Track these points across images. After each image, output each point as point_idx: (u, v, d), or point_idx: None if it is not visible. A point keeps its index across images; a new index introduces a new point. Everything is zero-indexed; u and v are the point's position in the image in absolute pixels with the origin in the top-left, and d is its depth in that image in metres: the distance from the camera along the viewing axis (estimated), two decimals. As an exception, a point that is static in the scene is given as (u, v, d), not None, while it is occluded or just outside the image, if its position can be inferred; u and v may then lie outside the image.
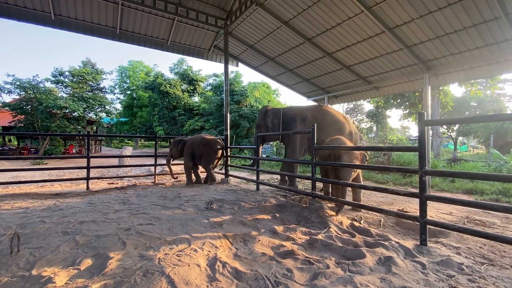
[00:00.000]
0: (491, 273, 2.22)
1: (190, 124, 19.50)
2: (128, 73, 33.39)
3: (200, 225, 3.22)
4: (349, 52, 7.65)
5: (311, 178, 4.49)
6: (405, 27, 6.02)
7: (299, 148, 6.31)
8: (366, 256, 2.46)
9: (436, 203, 4.96)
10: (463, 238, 3.05)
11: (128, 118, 29.72)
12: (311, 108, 6.85)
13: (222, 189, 6.10)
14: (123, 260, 2.28)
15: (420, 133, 2.83)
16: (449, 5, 5.17)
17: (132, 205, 4.33)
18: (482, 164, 10.55)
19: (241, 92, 19.08)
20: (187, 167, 6.84)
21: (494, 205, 2.31)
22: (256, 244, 2.84)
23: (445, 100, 16.45)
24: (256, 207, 4.33)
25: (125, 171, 10.22)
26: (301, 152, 6.43)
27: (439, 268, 2.28)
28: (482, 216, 4.27)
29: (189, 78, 24.59)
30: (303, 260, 2.44)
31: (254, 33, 8.49)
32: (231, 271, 2.18)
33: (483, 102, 25.69)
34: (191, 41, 9.35)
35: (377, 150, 3.76)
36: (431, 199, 2.77)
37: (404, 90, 8.68)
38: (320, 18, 6.78)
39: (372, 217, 3.91)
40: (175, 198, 4.95)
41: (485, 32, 5.44)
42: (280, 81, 11.06)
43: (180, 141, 7.00)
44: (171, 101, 22.16)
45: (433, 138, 17.00)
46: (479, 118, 3.36)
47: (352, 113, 36.44)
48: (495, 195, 6.11)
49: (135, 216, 3.59)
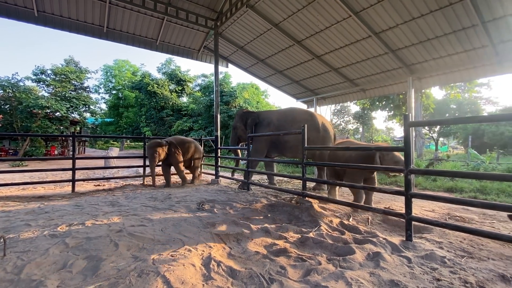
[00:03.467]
0: (471, 265, 2.37)
1: (179, 125, 19.29)
2: (114, 72, 32.59)
3: (193, 225, 3.23)
4: (337, 55, 7.84)
5: (302, 178, 4.58)
6: (390, 32, 6.26)
7: (261, 150, 6.49)
8: (356, 252, 2.56)
9: (420, 201, 5.18)
10: (445, 233, 3.22)
11: (114, 118, 28.99)
12: (278, 112, 7.12)
13: (213, 189, 6.10)
14: (116, 262, 2.27)
15: (405, 133, 2.97)
16: (431, 12, 5.42)
17: (122, 207, 4.27)
18: (461, 164, 11.06)
19: (230, 93, 19.07)
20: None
21: (473, 201, 2.47)
22: (249, 243, 2.88)
23: (427, 103, 17.12)
24: (247, 207, 4.37)
25: (112, 172, 9.98)
26: (263, 153, 6.58)
27: (424, 261, 2.41)
28: (462, 212, 4.50)
29: (177, 78, 24.32)
30: (295, 258, 2.51)
31: (245, 35, 8.54)
32: (226, 270, 2.22)
33: (462, 104, 26.92)
34: (180, 41, 9.28)
35: (365, 150, 3.91)
36: (415, 196, 2.92)
37: (389, 93, 8.97)
38: (309, 21, 6.92)
39: (361, 215, 4.04)
40: (165, 199, 4.91)
41: (463, 38, 5.74)
42: (269, 83, 11.15)
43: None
44: (159, 102, 21.84)
45: (416, 139, 17.64)
46: (459, 120, 3.57)
47: (339, 115, 37.17)
48: (473, 193, 6.44)
49: (125, 217, 3.55)
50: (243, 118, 6.94)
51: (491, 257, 2.61)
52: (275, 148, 6.62)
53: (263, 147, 6.48)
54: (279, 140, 6.47)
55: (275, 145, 6.59)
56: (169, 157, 6.69)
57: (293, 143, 6.42)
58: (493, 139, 20.95)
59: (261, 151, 6.46)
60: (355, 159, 4.42)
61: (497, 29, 5.27)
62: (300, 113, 6.69)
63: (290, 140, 6.41)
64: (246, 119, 6.88)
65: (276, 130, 6.45)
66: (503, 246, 2.90)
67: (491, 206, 2.52)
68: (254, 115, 6.83)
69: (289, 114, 6.69)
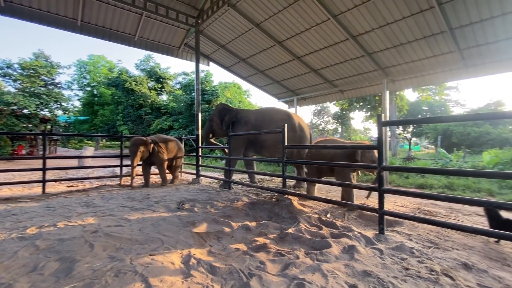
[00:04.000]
0: (436, 255, 2.55)
1: (158, 124, 18.81)
2: (88, 68, 31.09)
3: (172, 225, 3.19)
4: (316, 57, 8.05)
5: (282, 176, 4.66)
6: (366, 35, 6.53)
7: (239, 149, 6.46)
8: (332, 246, 2.66)
9: (393, 198, 5.46)
10: (414, 226, 3.43)
11: (88, 116, 27.65)
12: (255, 111, 7.15)
13: (194, 189, 6.04)
14: (92, 263, 2.20)
15: (378, 133, 3.13)
16: (404, 18, 5.73)
17: (97, 208, 4.12)
18: (431, 162, 11.75)
19: (212, 92, 18.89)
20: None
21: (438, 195, 2.66)
22: (230, 240, 2.91)
23: (401, 104, 17.98)
24: (228, 205, 4.38)
25: (86, 173, 9.55)
26: (241, 152, 6.56)
27: (394, 253, 2.56)
28: (431, 207, 4.80)
29: (156, 75, 23.68)
30: (275, 253, 2.56)
31: (226, 33, 8.52)
32: (206, 267, 2.22)
33: (433, 106, 28.56)
34: (160, 38, 9.08)
35: (342, 148, 4.08)
36: (388, 192, 3.09)
37: (365, 94, 9.35)
38: (290, 22, 7.05)
39: (338, 210, 4.19)
40: (144, 199, 4.79)
41: (433, 44, 6.12)
42: (251, 82, 11.21)
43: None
44: (137, 99, 21.15)
45: (391, 139, 18.49)
46: (427, 120, 3.83)
47: (320, 115, 38.05)
48: (442, 189, 6.89)
49: (101, 218, 3.43)
50: (221, 113, 6.87)
51: (455, 247, 2.82)
52: (252, 147, 6.65)
53: (241, 146, 6.47)
54: (257, 139, 6.50)
55: (252, 144, 6.60)
56: (152, 156, 6.50)
57: (271, 143, 6.47)
58: (460, 139, 22.42)
59: (239, 149, 6.45)
60: (340, 156, 4.58)
61: (463, 36, 5.67)
62: (278, 113, 6.76)
63: (267, 139, 6.46)
64: (224, 115, 6.81)
65: (253, 129, 6.47)
66: (466, 237, 3.14)
67: (455, 199, 2.73)
68: (233, 113, 6.79)
69: (266, 114, 6.74)
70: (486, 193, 6.45)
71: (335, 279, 2.04)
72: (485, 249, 2.79)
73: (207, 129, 7.14)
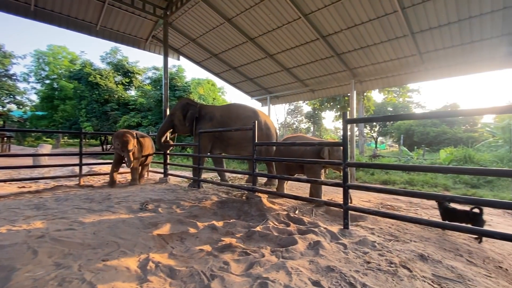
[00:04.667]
0: (396, 247, 2.65)
1: (125, 120, 17.81)
2: (48, 59, 28.52)
3: (132, 227, 2.98)
4: (288, 55, 8.10)
5: (252, 174, 4.60)
6: (336, 36, 6.69)
7: (205, 146, 6.23)
8: (298, 243, 2.65)
9: (359, 193, 5.67)
10: (377, 221, 3.56)
11: (47, 111, 25.37)
12: (221, 107, 6.93)
13: (160, 188, 5.76)
14: (33, 271, 1.95)
15: (343, 130, 3.19)
16: (370, 20, 5.95)
17: (49, 210, 3.74)
18: (394, 159, 12.47)
19: (183, 88, 18.29)
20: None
21: (398, 190, 2.76)
22: (194, 241, 2.78)
23: (368, 105, 18.88)
24: (196, 205, 4.22)
25: (42, 172, 8.73)
26: (207, 149, 6.34)
27: (357, 247, 2.61)
28: (393, 202, 5.05)
29: (124, 69, 22.40)
30: (240, 252, 2.49)
31: (197, 27, 8.26)
32: (165, 270, 2.08)
33: (397, 107, 30.51)
34: (125, 28, 8.54)
35: (309, 145, 4.15)
36: (352, 187, 3.16)
37: (335, 94, 9.63)
38: (262, 19, 7.00)
39: (306, 207, 4.24)
40: (104, 200, 4.45)
41: (396, 47, 6.43)
42: (224, 79, 11.02)
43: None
44: (102, 94, 19.84)
45: (359, 137, 19.35)
46: (389, 117, 4.02)
47: (293, 114, 38.81)
48: (403, 185, 7.32)
49: (51, 222, 3.10)
50: (184, 108, 6.51)
51: (413, 240, 2.96)
52: (219, 145, 6.48)
53: (207, 143, 6.25)
54: (223, 136, 6.34)
55: (219, 142, 6.43)
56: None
57: (237, 140, 6.35)
58: (420, 138, 24.17)
59: (205, 147, 6.24)
60: (309, 154, 4.61)
61: (423, 40, 6.03)
62: (244, 110, 6.61)
63: (233, 137, 6.32)
64: (187, 110, 6.48)
65: (219, 125, 6.30)
66: (423, 229, 3.32)
67: (412, 194, 2.85)
68: (196, 108, 6.50)
69: (233, 111, 6.57)
70: (442, 188, 6.97)
71: (299, 276, 2.01)
72: (439, 240, 2.97)
73: (166, 125, 6.65)
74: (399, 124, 26.70)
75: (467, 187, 6.99)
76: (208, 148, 6.28)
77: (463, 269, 2.25)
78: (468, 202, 2.51)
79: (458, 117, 5.31)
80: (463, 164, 9.61)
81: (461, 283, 2.03)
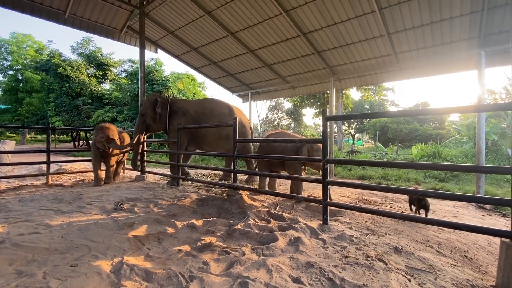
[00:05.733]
0: (372, 241, 2.73)
1: (99, 115, 16.91)
2: (11, 48, 26.24)
3: (105, 228, 2.82)
4: (269, 51, 8.06)
5: (233, 171, 4.54)
6: (316, 33, 6.74)
7: (181, 142, 5.95)
8: (279, 239, 2.66)
9: (337, 189, 5.80)
10: (354, 215, 3.66)
11: (11, 105, 23.44)
12: (195, 102, 6.80)
13: (137, 187, 5.54)
14: (-11, 282, 1.78)
15: (323, 127, 3.22)
16: (349, 19, 6.05)
17: (11, 212, 3.46)
18: (370, 155, 12.96)
19: (162, 82, 17.66)
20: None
21: (374, 186, 2.84)
22: (172, 241, 2.69)
23: (346, 102, 19.42)
24: (174, 203, 4.10)
25: (4, 171, 8.07)
26: (183, 146, 6.15)
27: (336, 242, 2.67)
28: (369, 196, 5.23)
29: (97, 61, 21.17)
30: (220, 251, 2.44)
31: (175, 19, 7.96)
32: (140, 273, 1.99)
33: (373, 105, 31.72)
34: (97, 18, 8.04)
35: (289, 142, 4.17)
36: (331, 183, 3.21)
37: (315, 91, 9.76)
38: (243, 13, 6.89)
39: (287, 203, 4.26)
40: (74, 200, 4.20)
41: (373, 46, 6.61)
42: (204, 73, 10.77)
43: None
44: (73, 87, 18.65)
45: (337, 134, 19.88)
46: (367, 115, 4.15)
47: (274, 110, 39.06)
48: (379, 179, 7.62)
49: (13, 225, 2.87)
50: (154, 105, 6.25)
51: (388, 233, 3.08)
52: (193, 141, 6.34)
53: (183, 139, 6.09)
54: (197, 133, 6.22)
55: (193, 138, 6.29)
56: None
57: (212, 138, 6.27)
58: (395, 135, 25.32)
59: (182, 143, 6.05)
60: (291, 150, 4.62)
61: (398, 40, 6.24)
62: (219, 106, 6.50)
63: (208, 133, 6.22)
64: (158, 107, 6.22)
65: (193, 121, 6.18)
66: (397, 223, 3.46)
67: (387, 189, 2.96)
68: (167, 104, 6.28)
69: (207, 106, 6.43)
70: (413, 182, 7.35)
71: (279, 273, 2.01)
72: (412, 232, 3.11)
73: (139, 127, 6.31)
74: (375, 121, 27.77)
75: (436, 181, 7.43)
76: (184, 144, 6.11)
77: (433, 260, 2.36)
78: (438, 197, 2.64)
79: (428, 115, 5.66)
80: (433, 159, 10.21)
81: (431, 273, 2.13)
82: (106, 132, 5.71)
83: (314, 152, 4.41)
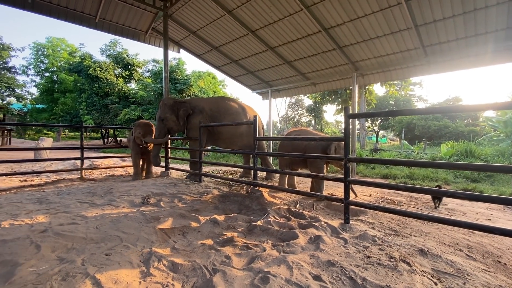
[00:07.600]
0: (396, 242, 2.67)
1: (126, 113, 17.77)
2: (47, 51, 28.22)
3: (134, 221, 3.01)
4: (290, 48, 8.00)
5: (253, 168, 4.61)
6: (338, 28, 6.58)
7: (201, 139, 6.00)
8: (299, 237, 2.68)
9: (359, 187, 5.67)
10: (377, 215, 3.58)
11: (48, 104, 25.28)
12: (209, 100, 6.95)
13: (162, 182, 5.79)
14: (36, 266, 1.99)
15: (345, 124, 3.17)
16: (373, 12, 5.84)
17: (51, 204, 3.77)
18: (395, 153, 12.46)
19: (184, 81, 18.17)
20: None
21: (399, 185, 2.76)
22: (196, 235, 2.80)
23: (370, 98, 18.76)
24: (197, 199, 4.25)
25: (44, 166, 8.78)
26: (204, 143, 6.26)
27: (358, 241, 2.64)
28: (393, 196, 5.07)
29: (124, 62, 22.20)
30: (241, 246, 2.51)
31: (197, 19, 8.14)
32: (167, 264, 2.11)
33: (399, 101, 30.27)
34: (125, 21, 8.43)
35: (311, 140, 4.16)
36: (353, 182, 3.16)
37: (337, 87, 9.55)
38: (263, 11, 6.88)
39: (307, 201, 4.26)
40: (106, 194, 4.49)
41: (399, 40, 6.34)
42: (224, 72, 10.92)
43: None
44: (102, 87, 19.74)
45: (360, 131, 19.29)
46: (392, 112, 3.97)
47: (294, 107, 38.65)
48: (404, 179, 7.32)
49: (54, 216, 3.14)
50: (173, 109, 6.42)
51: (413, 234, 2.98)
52: (209, 138, 6.54)
53: (204, 137, 6.26)
54: (214, 130, 6.40)
55: (210, 135, 6.47)
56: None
57: (227, 135, 6.44)
58: (422, 132, 24.10)
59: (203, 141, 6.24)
60: (314, 147, 4.60)
61: (427, 33, 5.93)
62: (233, 105, 6.67)
63: (223, 131, 6.39)
64: (177, 109, 6.42)
65: (209, 118, 6.37)
66: (423, 224, 3.34)
67: (412, 189, 2.86)
68: (186, 105, 6.43)
69: (221, 105, 6.60)
70: (442, 182, 6.98)
71: (299, 270, 2.04)
72: (439, 235, 2.99)
73: (162, 132, 6.44)
74: (401, 117, 26.57)
75: (468, 181, 7.01)
76: (204, 141, 6.32)
77: (463, 264, 2.27)
78: (469, 198, 2.52)
79: (460, 112, 5.25)
80: (464, 158, 9.60)
81: (460, 277, 2.05)
82: (144, 127, 6.21)
83: (341, 150, 4.35)
